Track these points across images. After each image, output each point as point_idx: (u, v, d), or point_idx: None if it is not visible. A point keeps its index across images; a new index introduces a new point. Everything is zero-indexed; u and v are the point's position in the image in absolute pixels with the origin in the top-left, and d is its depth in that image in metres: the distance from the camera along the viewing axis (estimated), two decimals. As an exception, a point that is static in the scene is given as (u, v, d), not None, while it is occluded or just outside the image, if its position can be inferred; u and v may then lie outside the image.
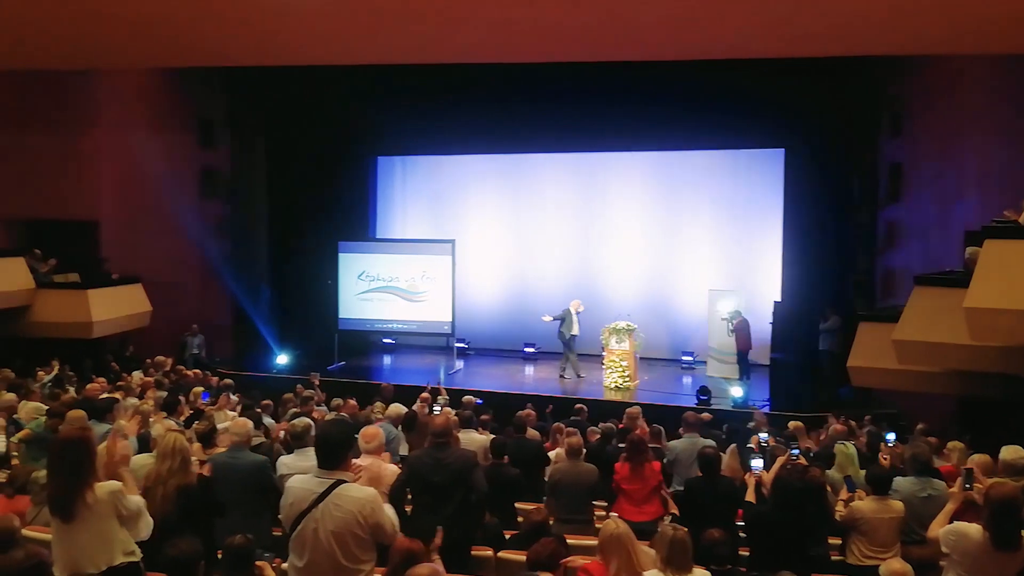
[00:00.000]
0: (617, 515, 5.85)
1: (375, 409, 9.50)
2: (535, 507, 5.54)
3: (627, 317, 14.46)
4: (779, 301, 14.23)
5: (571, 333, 14.65)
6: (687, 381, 14.95)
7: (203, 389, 9.85)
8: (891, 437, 7.98)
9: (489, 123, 16.22)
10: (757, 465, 5.58)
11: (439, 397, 10.36)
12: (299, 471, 5.21)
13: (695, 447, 6.81)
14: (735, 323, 14.06)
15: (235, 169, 17.32)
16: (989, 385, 9.45)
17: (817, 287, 14.62)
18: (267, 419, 8.73)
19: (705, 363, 15.30)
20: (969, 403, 10.48)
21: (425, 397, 10.20)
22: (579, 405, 9.94)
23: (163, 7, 5.00)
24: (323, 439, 3.87)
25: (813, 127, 14.82)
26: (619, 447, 7.50)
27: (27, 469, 6.11)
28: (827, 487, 5.87)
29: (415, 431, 7.93)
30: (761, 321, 14.21)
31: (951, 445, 7.38)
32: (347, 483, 3.77)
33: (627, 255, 16.96)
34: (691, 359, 15.91)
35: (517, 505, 6.26)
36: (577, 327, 14.66)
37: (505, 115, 15.94)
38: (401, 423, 8.25)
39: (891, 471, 5.80)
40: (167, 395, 9.29)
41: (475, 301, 17.36)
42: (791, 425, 8.32)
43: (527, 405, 10.05)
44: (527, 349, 16.97)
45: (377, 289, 16.44)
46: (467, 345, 17.15)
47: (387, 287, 16.40)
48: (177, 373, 12.30)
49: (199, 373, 12.49)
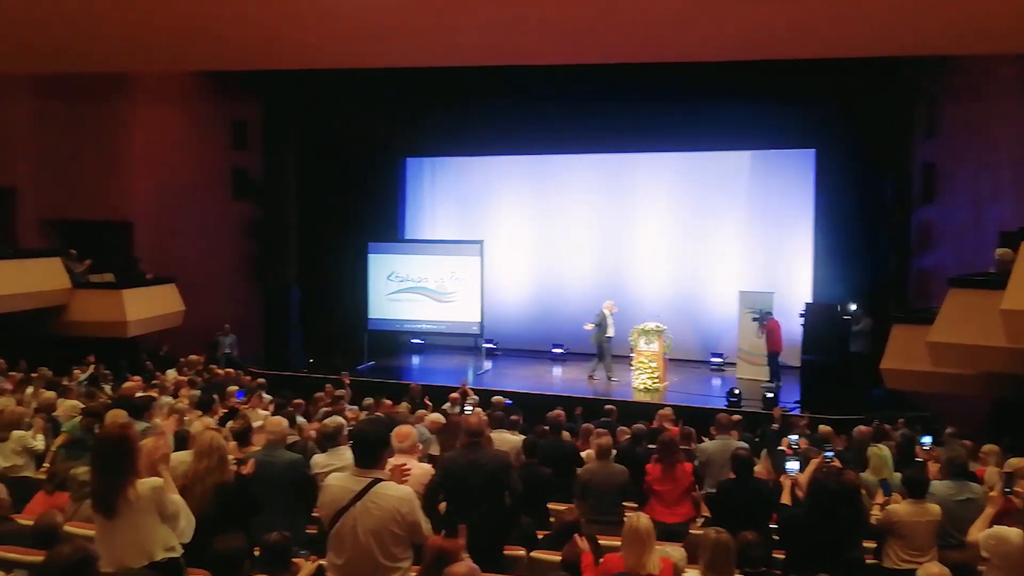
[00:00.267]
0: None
1: (400, 411, 9.51)
2: (567, 507, 5.55)
3: (656, 318, 14.42)
4: (810, 302, 14.10)
5: (607, 335, 14.61)
6: (716, 383, 14.87)
7: (238, 388, 9.96)
8: (927, 440, 7.89)
9: (517, 124, 16.24)
10: (793, 467, 5.55)
11: (467, 398, 10.40)
12: (331, 470, 5.27)
13: (727, 449, 6.78)
14: (766, 324, 13.96)
15: (266, 170, 17.48)
16: (1024, 388, 9.34)
17: (849, 289, 14.46)
18: (299, 418, 8.80)
19: (735, 364, 15.21)
20: (1004, 406, 10.33)
21: (455, 397, 10.27)
22: (609, 406, 9.92)
23: (205, 11, 5.07)
24: (360, 438, 3.91)
25: (845, 127, 14.68)
26: (649, 448, 7.49)
27: (66, 466, 6.20)
28: (862, 490, 5.82)
29: (446, 432, 7.96)
30: (791, 322, 14.10)
31: (987, 448, 7.29)
32: (384, 481, 3.80)
33: (655, 256, 16.90)
34: (720, 360, 15.82)
35: (549, 506, 6.26)
36: (612, 328, 14.62)
37: (533, 116, 15.98)
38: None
39: (927, 474, 5.75)
40: (201, 394, 9.40)
41: (503, 302, 17.38)
42: (820, 429, 8.26)
43: (557, 407, 10.07)
44: (555, 350, 16.97)
45: (406, 290, 16.53)
46: (495, 346, 17.18)
47: (416, 288, 16.48)
48: (210, 372, 12.45)
49: (231, 372, 12.63)
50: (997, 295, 8.11)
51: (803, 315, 13.51)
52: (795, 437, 7.58)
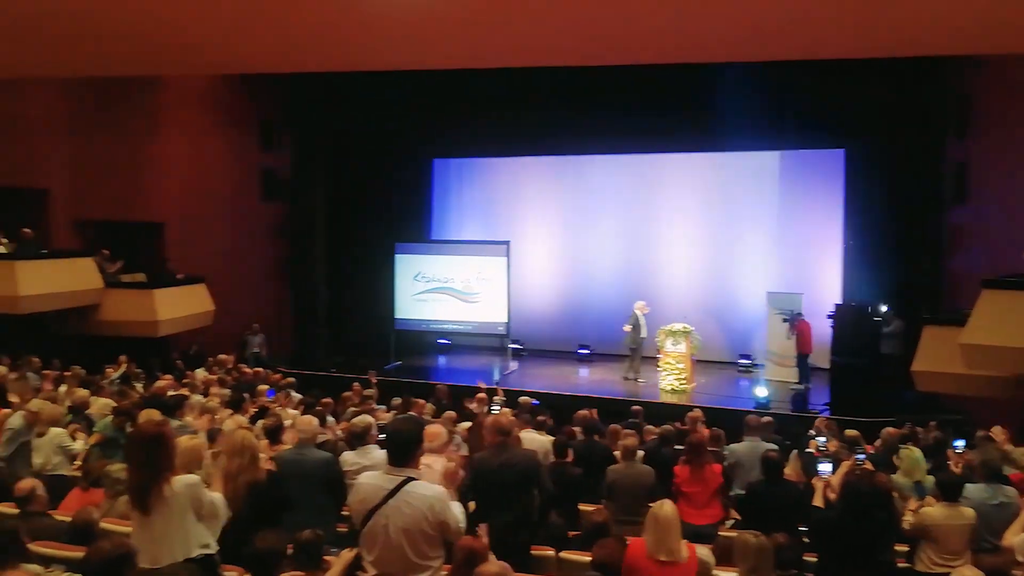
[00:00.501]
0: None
1: (424, 412, 9.52)
2: (596, 508, 5.55)
3: (683, 319, 14.37)
4: (840, 304, 13.98)
5: (640, 336, 14.55)
6: (744, 384, 14.78)
7: (268, 387, 10.05)
8: (959, 444, 7.79)
9: (545, 125, 16.25)
10: (825, 469, 5.50)
11: (495, 397, 10.41)
12: (360, 467, 5.31)
13: (757, 450, 6.75)
14: (796, 324, 13.84)
15: (295, 171, 17.65)
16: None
17: (879, 290, 14.32)
18: (328, 417, 8.87)
19: (763, 366, 15.11)
20: (1038, 409, 10.19)
21: (482, 397, 10.28)
22: (636, 407, 9.89)
23: (237, 16, 5.13)
24: (394, 436, 3.94)
25: (874, 127, 14.51)
26: (676, 449, 7.48)
27: (100, 464, 6.30)
28: (895, 492, 5.77)
29: (473, 432, 7.97)
30: (820, 324, 13.98)
31: (1020, 452, 7.20)
32: (416, 480, 3.83)
33: (683, 257, 16.83)
34: (748, 362, 15.73)
35: (580, 506, 6.26)
36: (645, 329, 14.56)
37: (560, 117, 15.96)
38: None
39: (962, 477, 5.69)
40: (231, 392, 9.50)
41: (529, 302, 17.38)
42: (848, 433, 8.18)
43: (584, 407, 10.08)
44: (581, 351, 16.96)
45: (433, 290, 16.61)
46: (521, 346, 17.19)
47: (443, 288, 16.56)
48: (239, 371, 12.57)
49: (260, 371, 12.74)
50: (1031, 297, 8.01)
51: (831, 316, 13.40)
52: (823, 439, 7.54)
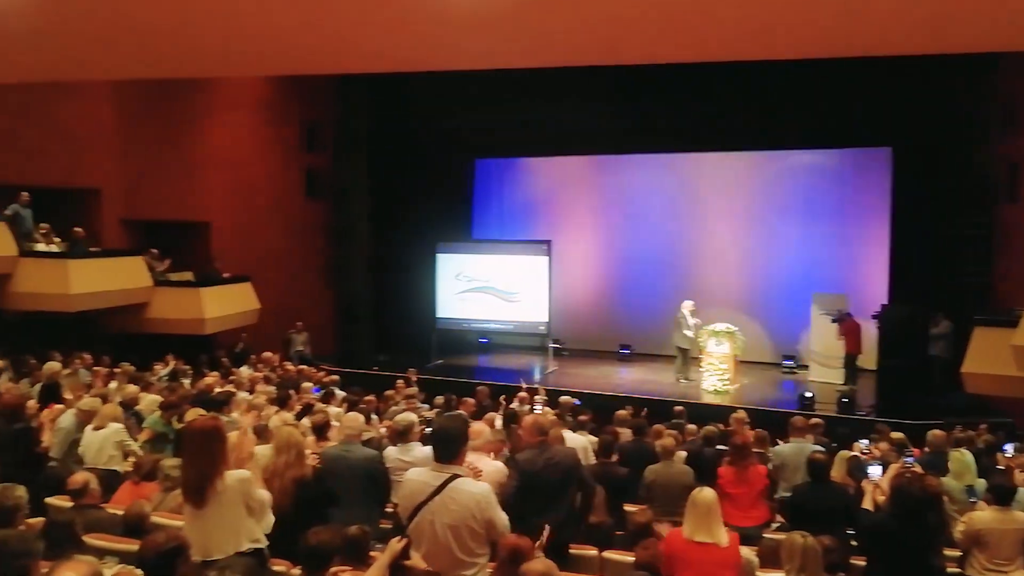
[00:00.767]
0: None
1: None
2: (640, 508, 5.54)
3: (726, 320, 14.25)
4: (886, 304, 13.77)
5: (689, 336, 14.46)
6: (788, 385, 14.61)
7: (313, 384, 10.17)
8: (1009, 448, 7.64)
9: (586, 124, 16.24)
10: (875, 472, 5.43)
11: (536, 397, 10.43)
12: (403, 465, 5.36)
13: (802, 452, 6.67)
14: (844, 325, 13.64)
15: (338, 171, 17.83)
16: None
17: (927, 290, 14.07)
18: (372, 415, 8.94)
19: (807, 367, 14.93)
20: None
21: (523, 396, 10.31)
22: (678, 408, 9.84)
23: (286, 19, 5.20)
24: (439, 434, 3.97)
25: (922, 125, 14.26)
26: (719, 450, 7.43)
27: (152, 458, 6.43)
28: (944, 496, 5.67)
29: (514, 432, 7.98)
30: (866, 325, 13.79)
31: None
32: (462, 477, 3.85)
33: (725, 256, 16.71)
34: (792, 363, 15.55)
35: (625, 507, 6.24)
36: (692, 329, 14.45)
37: (602, 116, 15.94)
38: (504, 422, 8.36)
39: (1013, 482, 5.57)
40: (277, 390, 9.62)
41: (570, 301, 17.37)
42: (894, 436, 8.07)
43: (625, 407, 10.06)
44: (622, 350, 16.91)
45: (474, 289, 16.67)
46: (562, 345, 17.19)
47: (484, 287, 16.61)
48: (283, 369, 12.73)
49: (304, 369, 12.89)
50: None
51: (876, 317, 13.20)
52: (865, 442, 7.44)
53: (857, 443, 7.53)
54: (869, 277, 15.27)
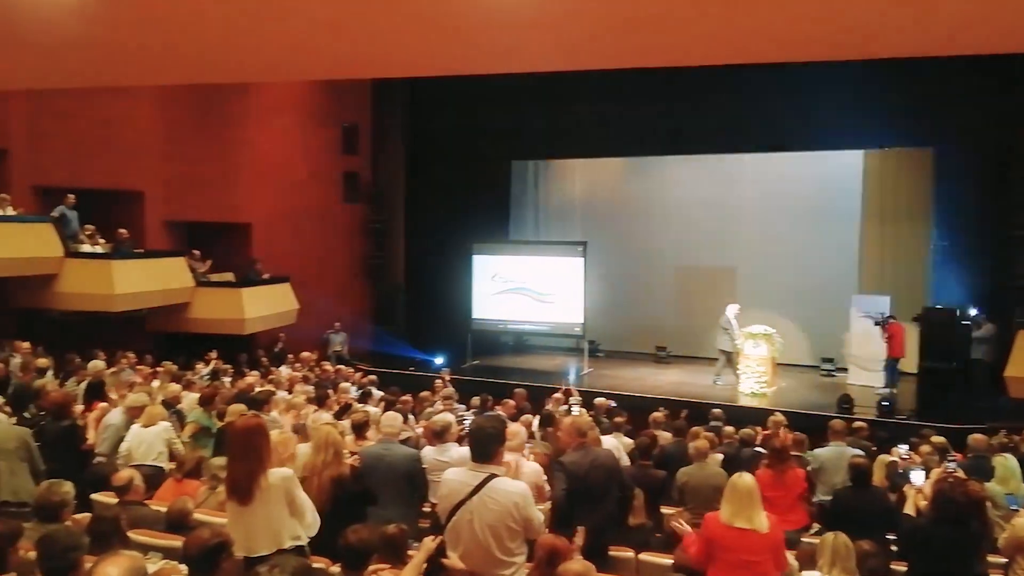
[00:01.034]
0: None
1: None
2: (676, 511, 5.53)
3: (764, 322, 14.12)
4: (928, 306, 13.55)
5: (732, 339, 14.35)
6: (827, 389, 14.44)
7: (351, 384, 10.27)
8: (1055, 454, 7.48)
9: (622, 125, 16.14)
10: (917, 478, 5.35)
11: (571, 398, 10.42)
12: (440, 464, 5.40)
13: (842, 456, 6.61)
14: (888, 328, 13.44)
15: (376, 174, 17.98)
16: None
17: (969, 292, 13.82)
18: (409, 415, 9.00)
19: (847, 370, 14.73)
20: None
21: (558, 398, 10.31)
22: (716, 410, 9.77)
23: (325, 24, 5.26)
24: (477, 434, 4.00)
25: (964, 124, 13.97)
26: (756, 453, 7.37)
27: (195, 456, 6.55)
28: (988, 502, 5.58)
29: (551, 433, 7.99)
30: (908, 327, 13.58)
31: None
32: (500, 476, 3.88)
33: (763, 258, 16.55)
34: (831, 366, 15.36)
35: (661, 509, 6.23)
36: (736, 331, 14.28)
37: (638, 117, 15.82)
38: (539, 423, 8.39)
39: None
40: (315, 389, 9.72)
41: (606, 303, 17.31)
42: (934, 440, 7.94)
43: (659, 408, 10.04)
44: (659, 352, 16.84)
45: (510, 290, 16.68)
46: (597, 347, 17.14)
47: (520, 288, 16.61)
48: (321, 368, 12.86)
49: (341, 369, 13.01)
50: None
51: (918, 319, 13.00)
52: (905, 447, 7.33)
53: (896, 448, 7.42)
54: (910, 279, 15.03)
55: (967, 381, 13.22)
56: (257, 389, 9.25)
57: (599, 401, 9.89)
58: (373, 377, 12.04)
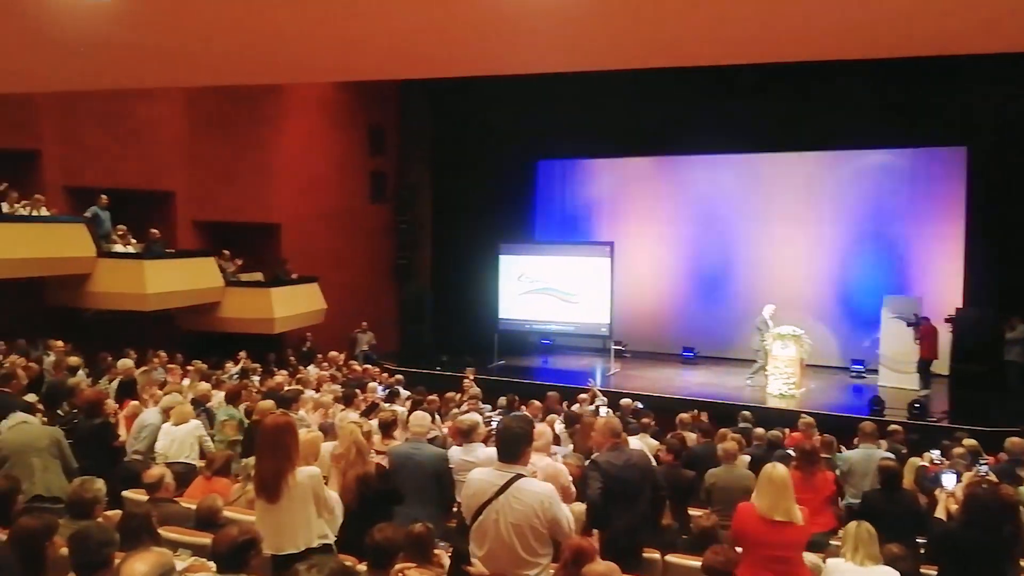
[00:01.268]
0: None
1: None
2: (704, 512, 5.50)
3: (792, 322, 13.98)
4: (960, 308, 13.37)
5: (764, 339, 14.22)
6: (857, 390, 14.29)
7: (378, 384, 10.32)
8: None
9: (649, 125, 16.10)
10: (949, 481, 5.28)
11: (596, 399, 10.40)
12: (467, 464, 5.40)
13: (871, 459, 6.53)
14: (921, 329, 13.26)
15: (403, 174, 18.06)
16: None
17: (1002, 293, 13.60)
18: (436, 415, 9.02)
19: (877, 372, 14.57)
20: None
21: (583, 398, 10.30)
22: (746, 412, 9.70)
23: (355, 27, 5.29)
24: (504, 434, 4.00)
25: (999, 123, 13.79)
26: (785, 455, 7.30)
27: (224, 454, 6.61)
28: (1021, 506, 5.49)
29: (579, 433, 7.98)
30: (940, 329, 13.40)
31: None
32: (526, 477, 3.87)
33: (792, 258, 16.41)
34: (862, 367, 15.20)
35: (689, 511, 6.20)
36: (771, 332, 14.12)
37: (665, 116, 15.78)
38: (565, 423, 8.39)
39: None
40: (343, 388, 9.78)
41: (633, 303, 17.27)
42: (967, 443, 7.82)
43: (687, 410, 9.99)
44: (686, 352, 16.75)
45: (536, 290, 16.69)
46: (624, 347, 17.09)
47: (546, 288, 16.62)
48: (348, 368, 12.94)
49: (369, 368, 13.08)
50: None
51: (950, 320, 12.82)
52: (937, 452, 7.23)
53: (927, 453, 7.32)
54: (942, 280, 14.84)
55: (1000, 383, 13.03)
56: (286, 388, 9.34)
57: (624, 402, 9.87)
58: (400, 377, 12.09)
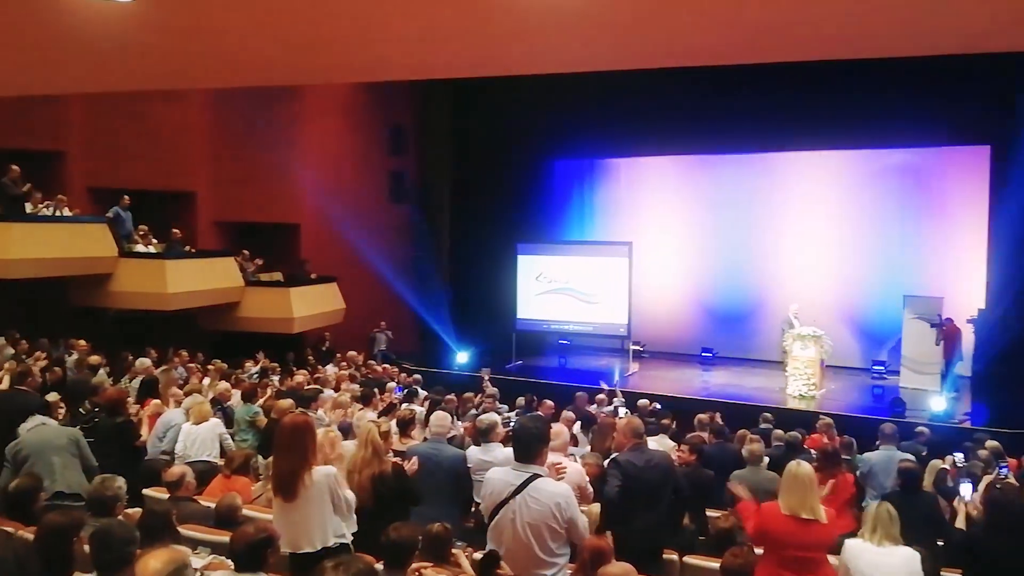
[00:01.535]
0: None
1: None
2: (723, 514, 5.47)
3: (812, 323, 13.89)
4: (983, 308, 13.22)
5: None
6: (878, 391, 14.16)
7: (396, 384, 10.35)
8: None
9: (668, 125, 15.99)
10: (966, 491, 5.22)
11: (615, 399, 10.37)
12: (484, 464, 5.41)
13: (892, 460, 6.49)
14: (945, 329, 13.13)
15: (422, 174, 18.10)
16: None
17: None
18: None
19: (898, 373, 14.43)
20: None
21: (601, 399, 10.28)
22: (767, 414, 9.64)
23: (373, 28, 5.32)
24: (521, 433, 4.01)
25: (1022, 121, 13.62)
26: (807, 455, 7.25)
27: (243, 452, 6.65)
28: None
29: (599, 433, 7.97)
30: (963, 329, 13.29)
31: None
32: (543, 477, 3.88)
33: (812, 258, 16.30)
34: (883, 368, 15.06)
35: (708, 512, 6.17)
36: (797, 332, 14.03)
37: (684, 116, 15.67)
38: (580, 423, 8.38)
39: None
40: (361, 388, 9.82)
41: (651, 303, 17.21)
42: (989, 445, 7.75)
43: (706, 411, 9.92)
44: (704, 353, 16.67)
45: (554, 290, 16.67)
46: (642, 348, 17.04)
47: (564, 288, 16.60)
48: (368, 368, 12.98)
49: (388, 368, 13.12)
50: None
51: (972, 321, 12.69)
52: (960, 455, 7.15)
53: (949, 456, 7.24)
54: (964, 280, 14.67)
55: (1023, 384, 12.88)
56: (305, 388, 9.38)
57: (641, 403, 9.84)
58: (418, 376, 12.12)
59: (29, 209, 11.91)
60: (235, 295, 14.09)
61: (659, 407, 9.81)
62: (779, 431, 8.54)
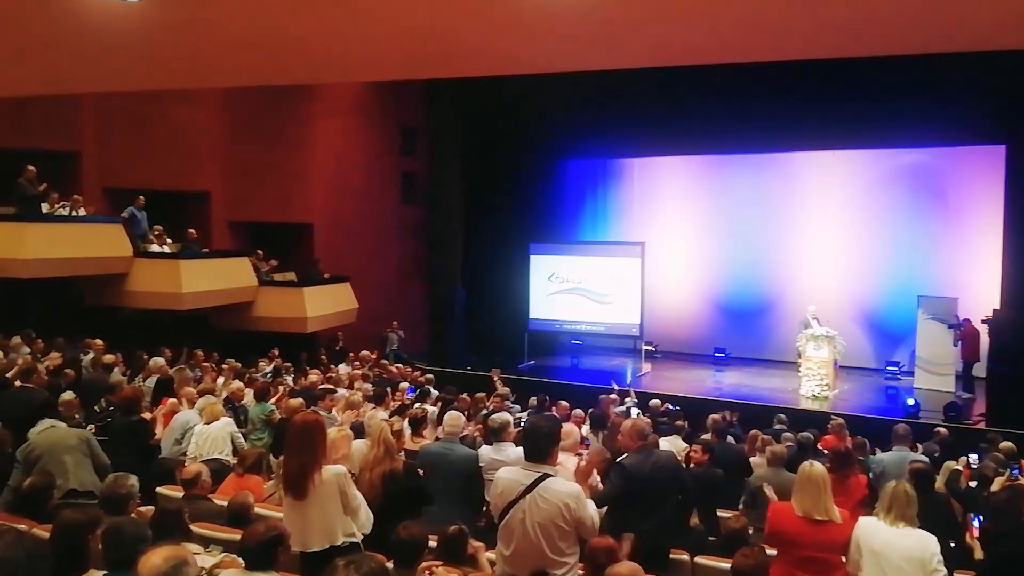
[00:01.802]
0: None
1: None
2: (734, 514, 5.46)
3: (825, 323, 13.83)
4: (998, 309, 13.12)
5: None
6: (892, 392, 14.09)
7: (409, 384, 10.37)
8: None
9: (680, 125, 15.95)
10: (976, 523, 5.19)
11: (627, 399, 10.36)
12: (496, 463, 5.42)
13: (904, 461, 6.44)
14: (963, 330, 13.04)
15: (434, 175, 18.13)
16: None
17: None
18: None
19: (913, 373, 14.35)
20: None
21: (612, 399, 10.26)
22: (781, 415, 9.60)
23: (386, 25, 5.33)
24: (531, 433, 4.01)
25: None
26: (820, 456, 7.23)
27: (255, 451, 6.67)
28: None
29: (609, 434, 7.96)
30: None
31: None
32: (553, 476, 3.88)
33: (826, 258, 16.25)
34: (897, 369, 14.98)
35: (718, 512, 6.16)
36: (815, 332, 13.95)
37: (696, 116, 15.62)
38: (590, 423, 8.38)
39: None
40: (374, 387, 9.84)
41: (664, 304, 17.19)
42: (1003, 446, 7.69)
43: (719, 411, 9.89)
44: (717, 353, 16.63)
45: (567, 290, 16.67)
46: (655, 348, 17.01)
47: (576, 288, 16.60)
48: (380, 367, 13.01)
49: (402, 368, 13.14)
50: None
51: (987, 322, 12.59)
52: (975, 456, 7.11)
53: (964, 457, 7.20)
54: (979, 280, 14.58)
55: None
56: (320, 386, 9.41)
57: (653, 403, 9.83)
58: (430, 376, 12.14)
59: (45, 209, 11.99)
60: (249, 295, 14.16)
61: (671, 407, 9.80)
62: (788, 434, 8.51)
